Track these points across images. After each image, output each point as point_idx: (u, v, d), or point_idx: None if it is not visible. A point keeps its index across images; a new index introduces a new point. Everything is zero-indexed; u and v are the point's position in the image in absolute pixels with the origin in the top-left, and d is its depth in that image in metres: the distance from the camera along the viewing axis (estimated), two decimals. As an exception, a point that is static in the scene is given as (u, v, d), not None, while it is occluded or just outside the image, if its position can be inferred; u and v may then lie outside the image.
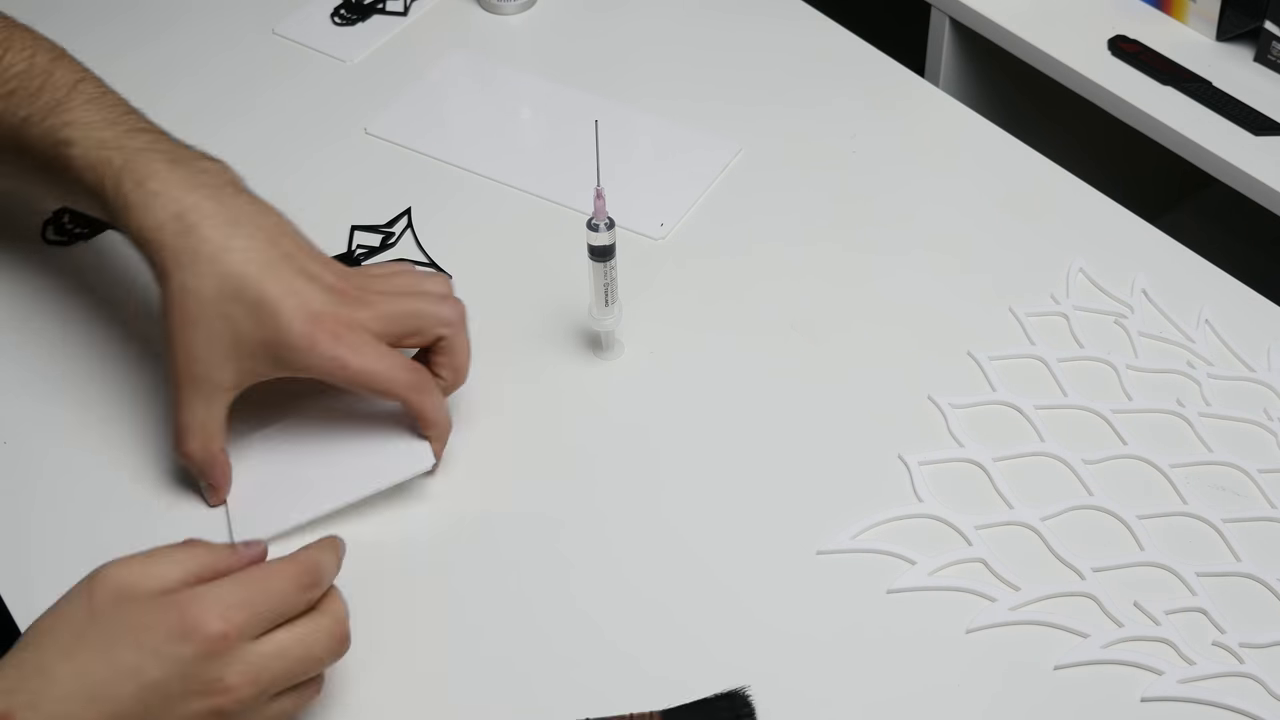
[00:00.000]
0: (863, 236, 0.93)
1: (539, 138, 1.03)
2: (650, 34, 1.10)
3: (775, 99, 1.04)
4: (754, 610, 0.73)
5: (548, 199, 0.96)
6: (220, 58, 1.08)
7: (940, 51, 1.26)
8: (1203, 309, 0.87)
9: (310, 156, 0.99)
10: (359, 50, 1.09)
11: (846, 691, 0.70)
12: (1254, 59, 1.12)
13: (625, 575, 0.75)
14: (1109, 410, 0.82)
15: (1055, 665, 0.70)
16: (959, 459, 0.80)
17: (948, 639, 0.72)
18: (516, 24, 1.12)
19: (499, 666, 0.71)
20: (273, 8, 1.12)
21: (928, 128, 1.03)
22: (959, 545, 0.75)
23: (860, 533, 0.76)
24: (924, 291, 0.89)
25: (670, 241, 0.93)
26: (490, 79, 1.06)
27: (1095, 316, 0.87)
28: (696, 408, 0.83)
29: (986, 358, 0.85)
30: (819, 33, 1.11)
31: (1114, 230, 0.94)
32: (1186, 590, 0.73)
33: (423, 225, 0.93)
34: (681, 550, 0.76)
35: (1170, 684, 0.69)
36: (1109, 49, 1.15)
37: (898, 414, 0.82)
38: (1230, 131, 1.06)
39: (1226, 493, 0.78)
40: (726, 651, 0.71)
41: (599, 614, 0.73)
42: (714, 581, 0.74)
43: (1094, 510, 0.77)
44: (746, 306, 0.89)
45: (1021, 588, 0.73)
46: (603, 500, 0.78)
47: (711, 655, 0.71)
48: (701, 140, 1.00)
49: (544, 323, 0.87)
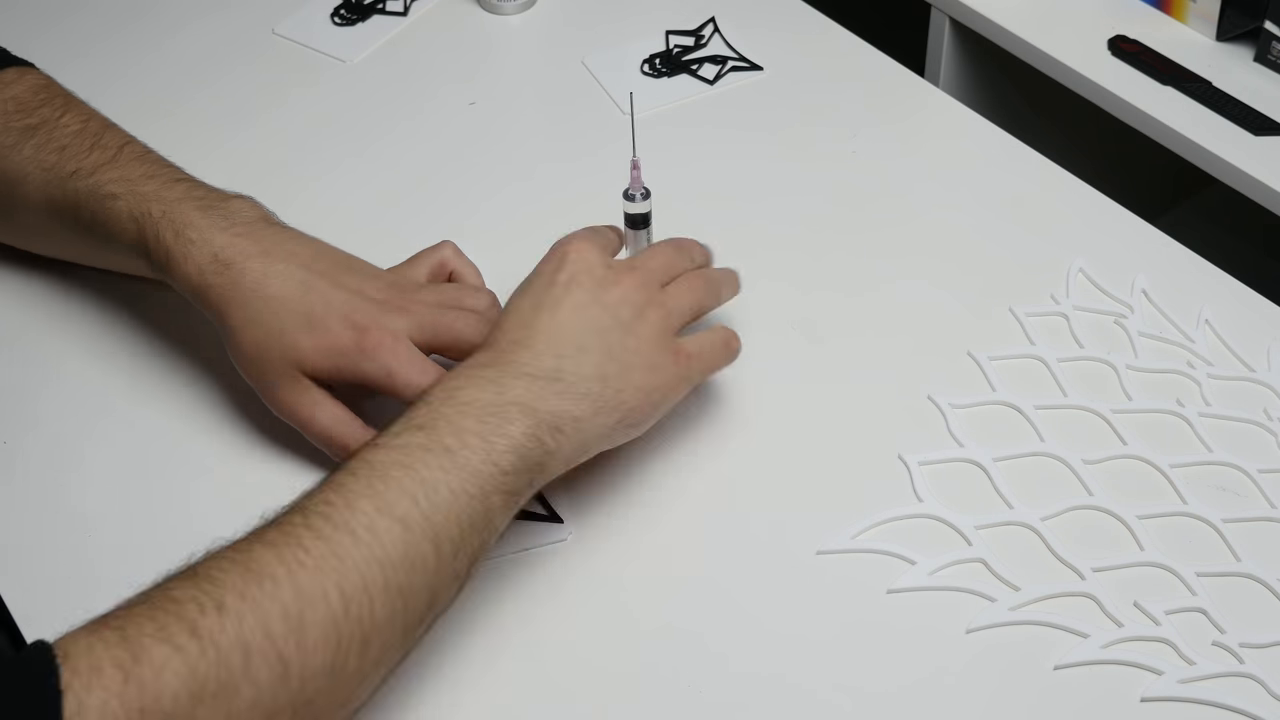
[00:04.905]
0: (862, 236, 0.94)
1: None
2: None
3: (775, 99, 1.04)
4: (754, 610, 0.73)
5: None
6: (220, 58, 1.08)
7: (940, 51, 1.26)
8: (1203, 309, 0.87)
9: (310, 156, 0.99)
10: (359, 50, 1.09)
11: (847, 691, 0.70)
12: (1254, 59, 1.12)
13: (624, 575, 0.75)
14: (1109, 410, 0.82)
15: (1055, 665, 0.70)
16: (959, 459, 0.80)
17: (948, 639, 0.72)
18: (516, 24, 1.12)
19: (497, 663, 0.71)
20: (273, 8, 1.12)
21: (928, 128, 1.03)
22: (959, 545, 0.76)
23: (860, 533, 0.76)
24: (924, 291, 0.89)
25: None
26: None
27: (1095, 316, 0.87)
28: (696, 408, 0.83)
29: (986, 358, 0.85)
30: (819, 33, 1.11)
31: (1114, 230, 0.94)
32: (1186, 590, 0.73)
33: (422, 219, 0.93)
34: (681, 550, 0.76)
35: (1170, 684, 0.69)
36: (1109, 49, 1.15)
37: (898, 414, 0.82)
38: (1230, 131, 1.06)
39: (1226, 493, 0.78)
40: (727, 651, 0.71)
41: (598, 613, 0.73)
42: (714, 581, 0.74)
43: (1094, 510, 0.77)
44: (746, 306, 0.88)
45: (1021, 588, 0.73)
46: (602, 499, 0.78)
47: (711, 655, 0.71)
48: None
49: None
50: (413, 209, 0.96)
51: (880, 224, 0.94)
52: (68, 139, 0.82)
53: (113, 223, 0.79)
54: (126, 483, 0.79)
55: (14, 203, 0.84)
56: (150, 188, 0.79)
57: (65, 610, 0.73)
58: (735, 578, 0.74)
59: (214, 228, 0.77)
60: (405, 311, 0.77)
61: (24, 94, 0.84)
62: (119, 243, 0.79)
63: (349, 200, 0.95)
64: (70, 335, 0.87)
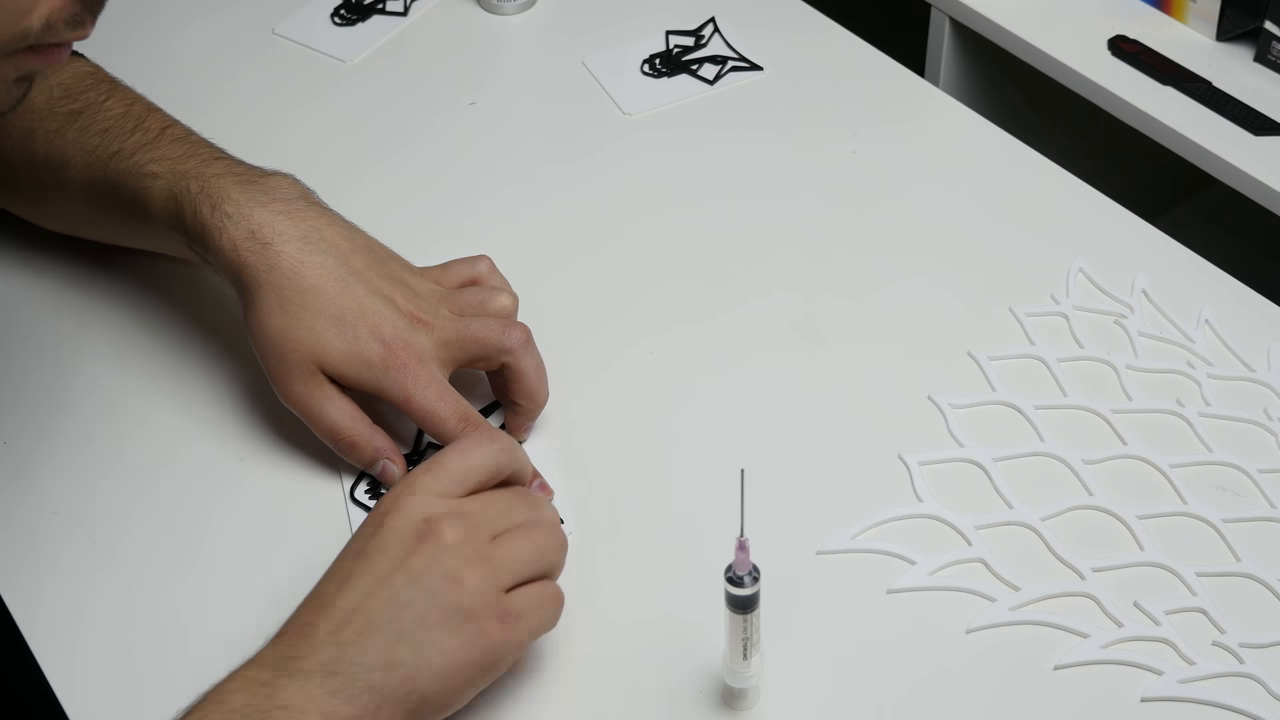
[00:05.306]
0: (862, 237, 0.94)
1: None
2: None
3: (775, 99, 1.04)
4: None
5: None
6: (220, 58, 1.08)
7: (940, 51, 1.26)
8: (1203, 309, 0.87)
9: (310, 157, 0.99)
10: (359, 50, 1.09)
11: (847, 691, 0.70)
12: (1254, 59, 1.13)
13: (624, 574, 0.75)
14: (1109, 410, 0.82)
15: (1055, 665, 0.70)
16: (959, 459, 0.80)
17: (948, 639, 0.72)
18: (516, 24, 1.12)
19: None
20: (273, 8, 1.12)
21: (928, 128, 1.03)
22: (959, 545, 0.76)
23: (860, 533, 0.76)
24: (924, 291, 0.89)
25: (669, 240, 0.93)
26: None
27: (1095, 316, 0.87)
28: (696, 407, 0.83)
29: (986, 358, 0.85)
30: (819, 33, 1.11)
31: (1114, 230, 0.94)
32: (1186, 590, 0.73)
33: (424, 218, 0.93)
34: (681, 549, 0.76)
35: (1170, 684, 0.69)
36: (1109, 49, 1.15)
37: (898, 414, 0.82)
38: (1230, 131, 1.06)
39: (1226, 493, 0.78)
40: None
41: (598, 613, 0.73)
42: (714, 581, 0.74)
43: (1094, 510, 0.77)
44: (746, 306, 0.89)
45: (1021, 588, 0.73)
46: (602, 499, 0.78)
47: (711, 655, 0.71)
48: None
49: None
50: (412, 209, 0.96)
51: (880, 224, 0.94)
52: (110, 122, 0.82)
53: (151, 200, 0.79)
54: (127, 483, 0.79)
55: (57, 186, 0.84)
56: (189, 165, 0.79)
57: (66, 610, 0.73)
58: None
59: (252, 203, 0.77)
60: (429, 326, 0.77)
61: (70, 80, 0.84)
62: (157, 219, 0.80)
63: (349, 200, 0.95)
64: (70, 335, 0.87)
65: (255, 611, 0.71)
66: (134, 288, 0.89)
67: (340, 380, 0.76)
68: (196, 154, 0.80)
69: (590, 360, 0.85)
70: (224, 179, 0.78)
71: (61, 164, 0.83)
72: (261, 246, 0.76)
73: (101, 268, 0.90)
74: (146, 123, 0.82)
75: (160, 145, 0.81)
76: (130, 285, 0.89)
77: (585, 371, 0.85)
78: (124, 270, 0.89)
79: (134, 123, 0.82)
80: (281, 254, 0.76)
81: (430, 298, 0.79)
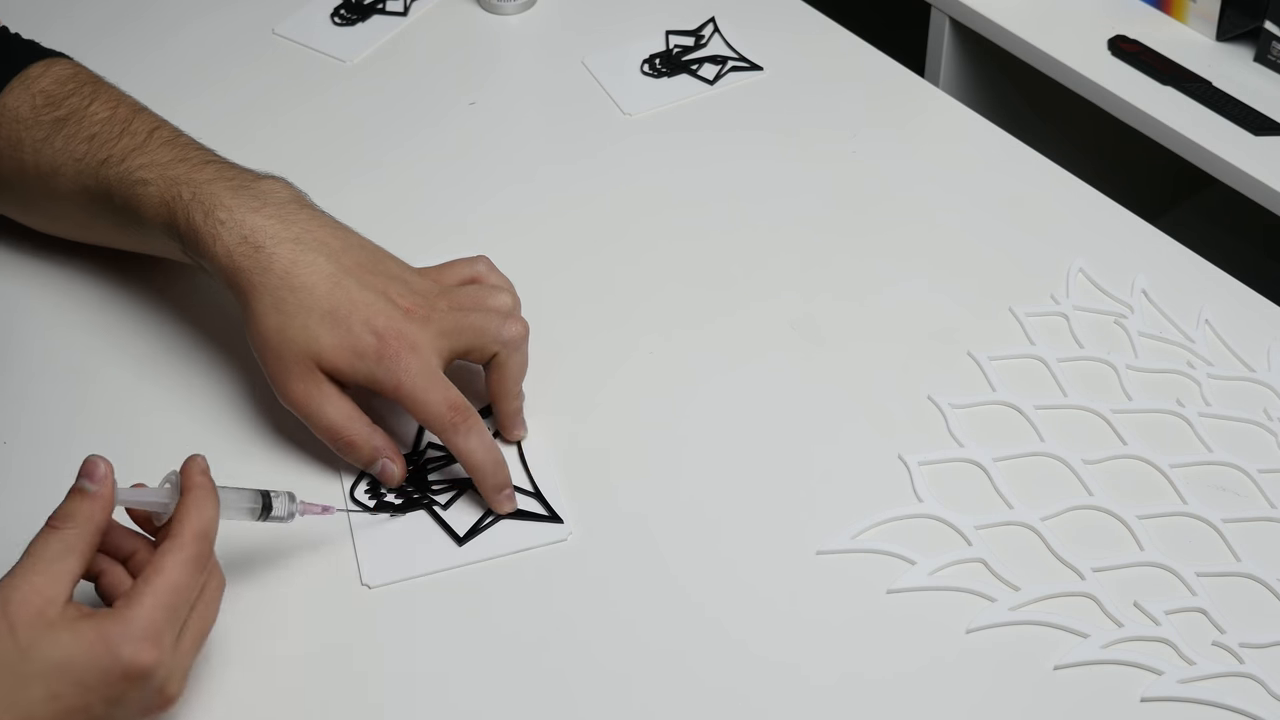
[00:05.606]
0: (862, 237, 0.94)
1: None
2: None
3: (775, 99, 1.04)
4: (755, 610, 0.73)
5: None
6: (220, 58, 1.08)
7: (940, 51, 1.26)
8: (1203, 309, 0.87)
9: (309, 157, 0.99)
10: (359, 50, 1.09)
11: (846, 691, 0.70)
12: (1254, 59, 1.13)
13: (624, 574, 0.75)
14: (1109, 410, 0.82)
15: (1055, 665, 0.70)
16: (959, 459, 0.80)
17: (947, 639, 0.72)
18: (516, 24, 1.12)
19: (498, 663, 0.71)
20: (273, 8, 1.12)
21: (928, 128, 1.03)
22: (959, 545, 0.76)
23: (860, 533, 0.76)
24: (924, 291, 0.89)
25: (669, 241, 0.93)
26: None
27: (1095, 316, 0.87)
28: (696, 407, 0.83)
29: (986, 358, 0.85)
30: (819, 33, 1.11)
31: (1114, 230, 0.94)
32: (1186, 590, 0.73)
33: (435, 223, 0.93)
34: (681, 549, 0.76)
35: (1170, 684, 0.69)
36: (1109, 49, 1.15)
37: (898, 414, 0.82)
38: (1230, 131, 1.07)
39: (1226, 493, 0.78)
40: (727, 651, 0.71)
41: (598, 613, 0.73)
42: (714, 581, 0.74)
43: (1094, 510, 0.77)
44: (746, 306, 0.89)
45: (1021, 588, 0.73)
46: (602, 499, 0.78)
47: (711, 654, 0.71)
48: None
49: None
50: (412, 209, 0.96)
51: (880, 224, 0.94)
52: (97, 127, 0.83)
53: (144, 208, 0.79)
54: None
55: (49, 194, 0.84)
56: (180, 171, 0.79)
57: (65, 610, 0.73)
58: (735, 578, 0.74)
59: (244, 208, 0.77)
60: (427, 320, 0.77)
61: (51, 86, 0.85)
62: (151, 227, 0.80)
63: (349, 200, 0.95)
64: (70, 336, 0.87)
65: (255, 612, 0.71)
66: (134, 288, 0.89)
67: (337, 376, 0.76)
68: (187, 158, 0.80)
69: (590, 360, 0.85)
70: (216, 184, 0.78)
71: (52, 173, 0.83)
72: (254, 250, 0.76)
73: (101, 268, 0.90)
74: (133, 125, 0.82)
75: (149, 149, 0.81)
76: (130, 285, 0.89)
77: (585, 372, 0.85)
78: (124, 270, 0.89)
79: (120, 126, 0.82)
80: (274, 256, 0.76)
81: (428, 293, 0.79)
